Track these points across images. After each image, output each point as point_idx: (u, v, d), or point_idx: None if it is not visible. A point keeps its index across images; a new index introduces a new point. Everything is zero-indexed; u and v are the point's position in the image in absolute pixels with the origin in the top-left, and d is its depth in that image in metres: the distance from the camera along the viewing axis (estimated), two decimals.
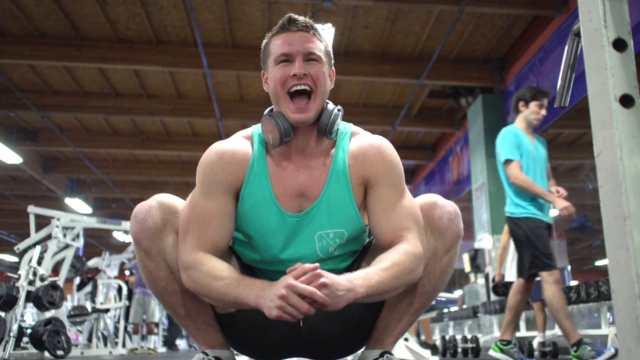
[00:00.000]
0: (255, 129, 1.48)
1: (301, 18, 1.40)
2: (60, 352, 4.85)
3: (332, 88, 1.45)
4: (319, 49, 1.39)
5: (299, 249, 1.42)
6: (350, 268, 1.49)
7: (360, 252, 1.53)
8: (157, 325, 9.07)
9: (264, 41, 1.44)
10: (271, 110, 1.46)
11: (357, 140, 1.46)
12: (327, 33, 5.97)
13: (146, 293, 8.07)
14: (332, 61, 1.46)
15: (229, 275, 1.29)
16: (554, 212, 5.09)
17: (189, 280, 1.32)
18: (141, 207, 1.41)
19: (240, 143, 1.44)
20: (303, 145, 1.40)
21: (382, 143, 1.45)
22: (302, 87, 1.35)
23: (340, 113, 1.42)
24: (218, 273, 1.29)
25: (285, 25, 1.39)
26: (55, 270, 6.05)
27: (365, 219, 1.46)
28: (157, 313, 8.60)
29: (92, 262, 7.95)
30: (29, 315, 9.11)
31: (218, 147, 1.43)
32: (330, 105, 1.41)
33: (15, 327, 4.64)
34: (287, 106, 1.36)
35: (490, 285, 6.99)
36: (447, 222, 1.40)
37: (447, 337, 5.36)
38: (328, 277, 1.20)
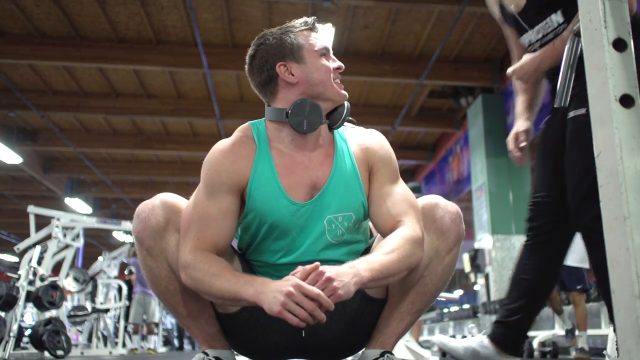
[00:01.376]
0: (253, 123, 1.49)
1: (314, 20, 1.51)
2: (60, 352, 4.85)
3: None
4: None
5: (310, 236, 1.43)
6: None
7: (363, 251, 1.54)
8: (157, 325, 9.07)
9: (288, 34, 1.44)
10: (268, 106, 1.47)
11: (355, 131, 1.54)
12: (327, 33, 5.97)
13: (146, 293, 8.07)
14: None
15: (228, 272, 1.30)
16: None
17: (189, 279, 1.32)
18: (144, 206, 1.41)
19: (244, 140, 1.45)
20: (312, 135, 1.43)
21: (378, 134, 1.54)
22: (339, 80, 1.47)
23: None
24: (217, 271, 1.29)
25: (314, 25, 1.48)
26: (56, 270, 6.06)
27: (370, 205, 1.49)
28: (158, 313, 8.60)
29: (91, 270, 7.95)
30: (29, 315, 9.11)
31: (222, 145, 1.44)
32: None
33: (15, 327, 4.64)
34: (335, 87, 1.45)
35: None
36: (449, 222, 1.42)
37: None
38: (331, 271, 1.20)
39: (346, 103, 1.48)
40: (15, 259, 16.11)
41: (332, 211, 1.42)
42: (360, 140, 1.50)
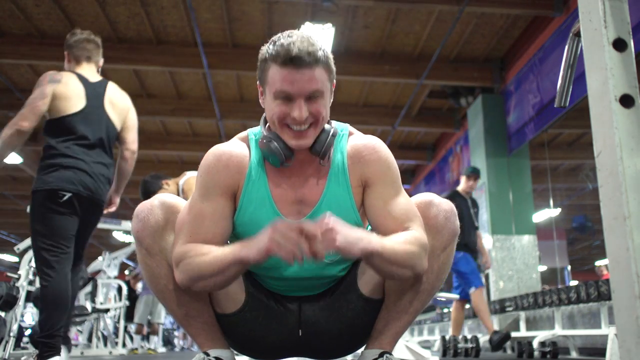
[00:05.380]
0: (252, 133, 1.46)
1: (304, 49, 1.27)
2: None
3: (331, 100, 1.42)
4: (321, 82, 1.32)
5: None
6: (348, 276, 1.49)
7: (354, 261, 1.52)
8: (159, 325, 9.07)
9: (263, 53, 1.35)
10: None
11: (352, 142, 1.45)
12: (327, 33, 5.96)
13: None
14: (334, 74, 1.40)
15: (216, 249, 1.29)
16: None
17: (181, 274, 1.31)
18: (143, 206, 1.41)
19: (238, 147, 1.43)
20: (301, 161, 1.40)
21: (376, 143, 1.45)
22: (303, 127, 1.32)
23: (335, 138, 1.40)
24: (206, 250, 1.29)
25: (287, 61, 1.27)
26: None
27: (364, 222, 1.46)
28: (163, 313, 8.58)
29: (91, 267, 7.95)
30: (29, 315, 9.11)
31: (216, 149, 1.43)
32: (327, 127, 1.38)
33: (15, 327, 4.64)
34: (285, 133, 1.34)
35: (494, 286, 6.99)
36: (443, 220, 1.40)
37: (447, 337, 5.36)
38: (336, 223, 1.20)
39: (329, 131, 1.37)
40: (15, 259, 16.09)
41: None
42: (354, 151, 1.42)
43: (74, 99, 2.88)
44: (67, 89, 2.88)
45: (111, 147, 3.06)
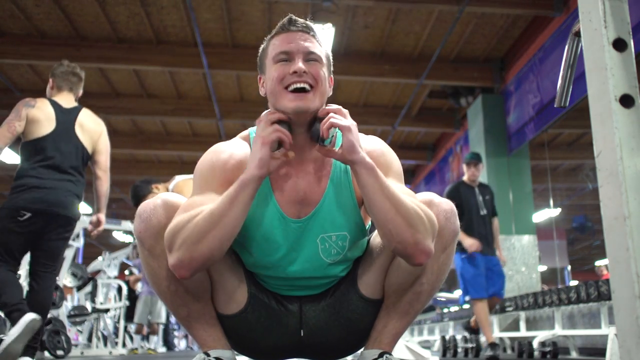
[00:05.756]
0: (253, 132, 1.46)
1: (301, 20, 1.38)
2: (60, 352, 4.84)
3: (330, 95, 1.42)
4: (319, 50, 1.38)
5: (301, 253, 1.41)
6: (348, 276, 1.49)
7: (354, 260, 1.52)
8: (159, 325, 9.05)
9: (263, 45, 1.43)
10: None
11: None
12: (327, 33, 5.97)
13: (153, 293, 8.05)
14: (332, 68, 1.44)
15: (204, 207, 1.25)
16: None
17: (178, 250, 1.23)
18: (146, 206, 1.38)
19: (239, 145, 1.43)
20: (301, 149, 1.38)
21: (379, 141, 1.47)
22: (302, 84, 1.31)
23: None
24: (198, 209, 1.24)
25: (285, 25, 1.38)
26: None
27: (365, 221, 1.46)
28: (163, 313, 8.57)
29: (91, 267, 7.95)
30: None
31: (216, 147, 1.42)
32: None
33: None
34: (285, 97, 1.32)
35: None
36: (444, 220, 1.38)
37: (447, 337, 5.36)
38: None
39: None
40: None
41: (325, 230, 1.38)
42: None
43: (45, 122, 3.20)
44: (39, 113, 3.22)
45: (80, 166, 3.34)
